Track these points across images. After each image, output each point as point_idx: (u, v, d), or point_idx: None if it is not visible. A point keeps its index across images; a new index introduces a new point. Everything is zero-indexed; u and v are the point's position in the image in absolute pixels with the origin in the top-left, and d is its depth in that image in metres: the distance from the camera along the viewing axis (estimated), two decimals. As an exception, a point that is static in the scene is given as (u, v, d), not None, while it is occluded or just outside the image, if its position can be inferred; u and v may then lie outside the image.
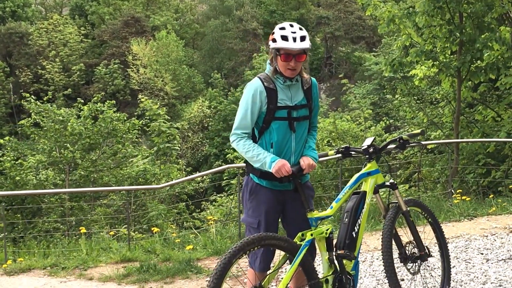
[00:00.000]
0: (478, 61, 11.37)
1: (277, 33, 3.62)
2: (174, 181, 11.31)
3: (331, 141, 14.31)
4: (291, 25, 3.65)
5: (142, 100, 15.69)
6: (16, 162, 12.77)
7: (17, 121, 29.42)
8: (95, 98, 14.50)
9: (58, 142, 13.27)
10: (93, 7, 47.75)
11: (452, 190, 9.97)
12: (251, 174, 3.80)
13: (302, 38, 3.58)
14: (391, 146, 4.31)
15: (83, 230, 8.12)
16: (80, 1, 49.21)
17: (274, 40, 3.62)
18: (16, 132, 14.27)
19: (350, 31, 45.93)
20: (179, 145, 13.88)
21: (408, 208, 4.18)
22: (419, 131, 4.31)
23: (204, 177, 13.64)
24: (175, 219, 11.73)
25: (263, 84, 3.65)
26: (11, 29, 43.25)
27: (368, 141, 4.10)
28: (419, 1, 11.08)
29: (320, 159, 4.51)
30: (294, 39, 3.56)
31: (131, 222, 10.68)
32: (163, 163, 14.01)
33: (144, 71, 40.74)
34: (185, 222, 11.73)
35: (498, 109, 12.96)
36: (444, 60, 11.58)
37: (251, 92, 3.65)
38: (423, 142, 11.49)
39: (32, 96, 13.72)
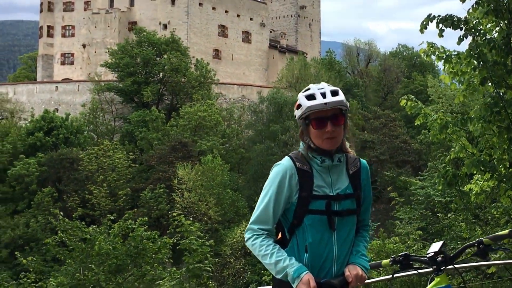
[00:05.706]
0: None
1: (301, 95, 2.73)
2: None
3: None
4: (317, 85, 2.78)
5: (174, 214, 14.82)
6: (37, 285, 11.88)
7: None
8: (127, 215, 13.85)
9: (84, 262, 12.41)
10: (143, 133, 49.10)
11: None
12: None
13: (334, 93, 2.69)
14: (469, 252, 3.15)
15: None
16: (130, 127, 50.85)
17: (299, 106, 2.73)
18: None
19: (395, 155, 45.60)
20: (211, 265, 12.64)
21: None
22: (507, 232, 3.05)
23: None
24: None
25: (295, 165, 2.74)
26: (62, 155, 44.59)
27: (435, 247, 2.95)
28: (474, 107, 10.20)
29: (372, 269, 3.43)
30: (324, 95, 2.66)
31: None
32: (192, 287, 12.80)
33: (189, 195, 40.53)
34: None
35: None
36: (504, 172, 10.42)
37: (279, 175, 2.79)
38: (487, 263, 10.00)
39: (61, 213, 13.16)
